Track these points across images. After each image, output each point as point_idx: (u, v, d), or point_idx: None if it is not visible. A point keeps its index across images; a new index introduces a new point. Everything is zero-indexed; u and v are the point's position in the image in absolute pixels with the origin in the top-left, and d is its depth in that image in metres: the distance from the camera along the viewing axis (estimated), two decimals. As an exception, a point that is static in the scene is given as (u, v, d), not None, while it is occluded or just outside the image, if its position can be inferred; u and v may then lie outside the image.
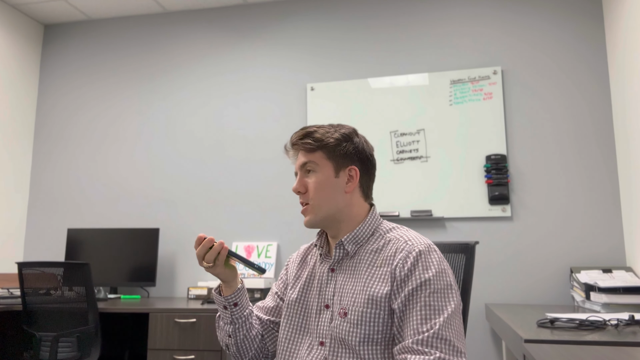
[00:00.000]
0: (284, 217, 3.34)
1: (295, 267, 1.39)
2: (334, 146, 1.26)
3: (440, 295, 1.10)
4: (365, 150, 1.31)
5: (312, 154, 1.27)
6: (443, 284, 1.12)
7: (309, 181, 1.27)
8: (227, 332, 1.34)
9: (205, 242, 1.23)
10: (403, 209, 3.13)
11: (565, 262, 2.91)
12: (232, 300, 1.31)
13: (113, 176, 3.68)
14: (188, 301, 3.03)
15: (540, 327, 1.79)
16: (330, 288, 1.24)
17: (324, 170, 1.26)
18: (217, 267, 1.26)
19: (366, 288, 1.17)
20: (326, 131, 1.28)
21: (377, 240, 1.24)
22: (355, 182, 1.27)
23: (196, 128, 3.61)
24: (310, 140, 1.27)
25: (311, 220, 1.27)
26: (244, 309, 1.33)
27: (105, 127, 3.77)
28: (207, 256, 1.23)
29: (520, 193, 3.02)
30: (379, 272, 1.18)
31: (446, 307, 1.09)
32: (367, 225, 1.27)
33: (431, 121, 3.19)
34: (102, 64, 3.87)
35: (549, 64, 3.12)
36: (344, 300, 1.19)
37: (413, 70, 3.30)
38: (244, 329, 1.33)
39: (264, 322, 1.40)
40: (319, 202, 1.25)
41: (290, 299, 1.32)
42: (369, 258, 1.22)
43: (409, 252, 1.16)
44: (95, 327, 2.54)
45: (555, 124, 3.05)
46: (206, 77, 3.67)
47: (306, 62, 3.50)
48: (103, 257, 3.36)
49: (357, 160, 1.28)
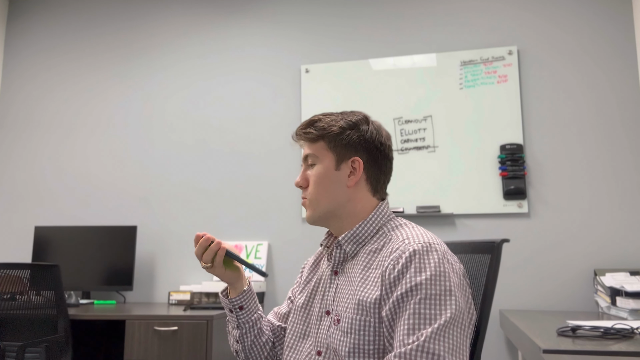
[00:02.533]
0: (275, 213, 3.34)
1: (308, 270, 1.42)
2: (336, 135, 1.26)
3: (434, 302, 1.05)
4: (374, 138, 1.29)
5: (314, 145, 1.28)
6: (439, 289, 1.06)
7: (310, 174, 1.29)
8: (235, 337, 1.39)
9: (202, 242, 1.28)
10: (408, 204, 3.12)
11: (588, 264, 2.91)
12: (237, 303, 1.35)
13: (85, 168, 3.67)
14: (169, 307, 3.03)
15: (560, 335, 1.79)
16: (331, 292, 1.26)
17: (324, 162, 1.27)
18: (216, 269, 1.31)
19: (358, 293, 1.16)
20: (331, 119, 1.29)
21: (379, 239, 1.23)
22: (358, 174, 1.26)
23: (177, 115, 3.60)
24: (312, 130, 1.28)
25: (309, 217, 1.29)
26: (252, 313, 1.37)
27: (76, 114, 3.76)
28: (204, 256, 1.28)
29: (539, 187, 3.01)
30: (372, 275, 1.16)
31: (439, 316, 1.03)
32: (369, 223, 1.25)
33: (439, 107, 3.19)
34: (72, 44, 3.85)
35: (570, 43, 3.10)
36: (339, 306, 1.20)
37: (419, 50, 3.29)
38: (252, 335, 1.37)
39: (275, 328, 1.44)
40: (316, 197, 1.27)
41: (297, 305, 1.35)
42: (366, 259, 1.21)
43: (402, 252, 1.12)
44: (65, 336, 2.54)
45: (577, 110, 3.04)
46: (188, 59, 3.65)
47: (300, 40, 3.48)
48: (74, 258, 3.36)
49: (362, 150, 1.27)
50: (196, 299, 3.03)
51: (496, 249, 1.39)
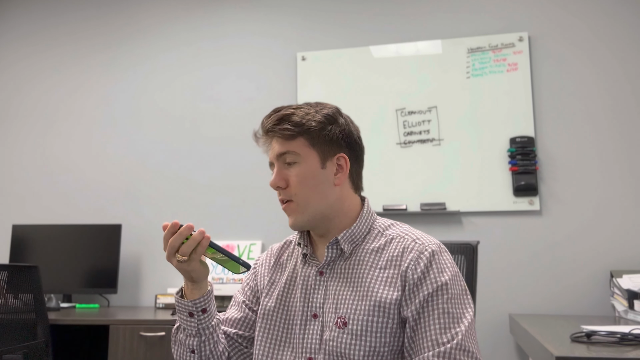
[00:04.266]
0: (269, 211, 3.33)
1: (267, 270, 1.39)
2: (317, 131, 1.25)
3: (459, 301, 1.15)
4: (352, 132, 1.31)
5: (291, 142, 1.25)
6: (459, 288, 1.17)
7: (289, 174, 1.25)
8: (189, 346, 1.29)
9: (183, 230, 1.18)
10: (411, 201, 3.12)
11: (604, 265, 2.90)
12: (200, 305, 1.27)
13: (66, 163, 3.66)
14: (156, 311, 3.04)
15: (574, 341, 1.80)
16: (319, 295, 1.25)
17: (307, 161, 1.25)
18: (192, 263, 1.21)
19: (370, 293, 1.18)
20: (305, 112, 1.26)
21: (376, 238, 1.26)
22: (345, 172, 1.27)
23: (166, 107, 3.59)
24: (289, 126, 1.24)
25: (298, 221, 1.26)
26: (212, 317, 1.30)
27: (58, 105, 3.75)
28: (182, 248, 1.18)
29: (551, 182, 3.01)
30: (384, 275, 1.19)
31: (465, 315, 1.14)
32: (363, 222, 1.28)
33: (445, 97, 3.18)
34: (54, 29, 3.84)
35: (584, 28, 3.10)
36: (342, 309, 1.19)
37: (423, 36, 3.28)
38: (211, 343, 1.30)
39: (231, 336, 1.37)
40: (305, 198, 1.24)
41: (267, 309, 1.31)
42: (370, 259, 1.23)
43: (421, 252, 1.18)
44: (45, 342, 2.53)
45: (592, 101, 3.03)
46: (178, 46, 3.64)
47: (295, 26, 3.48)
48: (54, 259, 3.35)
49: (345, 146, 1.28)
50: (185, 302, 3.02)
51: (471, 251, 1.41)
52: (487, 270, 2.97)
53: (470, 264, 1.40)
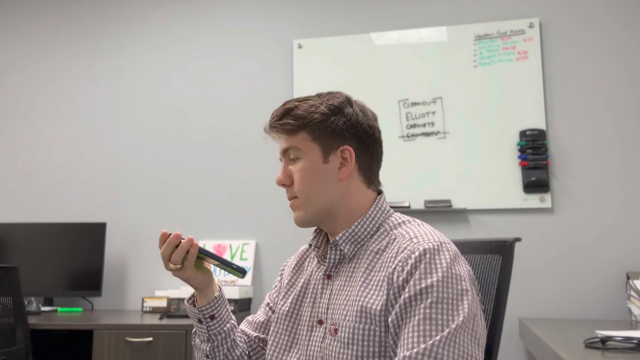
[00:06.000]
0: (264, 209, 3.33)
1: (289, 273, 1.41)
2: (319, 123, 1.26)
3: (446, 307, 1.07)
4: (361, 122, 1.30)
5: (293, 137, 1.28)
6: (451, 292, 1.08)
7: (294, 170, 1.28)
8: (204, 351, 1.36)
9: (171, 240, 1.25)
10: (415, 198, 3.12)
11: (620, 266, 2.90)
12: (207, 312, 1.33)
13: (46, 157, 3.66)
14: (143, 315, 3.04)
15: (588, 347, 1.79)
16: (324, 299, 1.26)
17: (309, 156, 1.27)
18: (187, 271, 1.28)
19: (360, 298, 1.17)
20: (310, 105, 1.28)
21: (381, 238, 1.24)
22: (350, 165, 1.27)
23: (151, 98, 3.59)
24: (290, 120, 1.26)
25: (301, 218, 1.28)
26: (224, 322, 1.35)
27: (35, 95, 3.74)
28: (173, 257, 1.26)
29: (563, 178, 3.01)
30: (376, 278, 1.17)
31: (451, 321, 1.06)
32: (368, 220, 1.27)
33: (450, 87, 3.19)
34: (30, 15, 3.83)
35: (600, 14, 3.09)
36: (336, 314, 1.20)
37: (427, 22, 3.28)
38: (224, 348, 1.35)
39: (252, 339, 1.43)
40: (307, 195, 1.26)
41: (281, 312, 1.34)
42: (368, 260, 1.22)
43: (411, 252, 1.14)
44: (25, 348, 2.53)
45: (608, 91, 3.03)
46: (164, 31, 3.64)
47: (291, 11, 3.48)
48: (35, 260, 3.34)
49: (350, 137, 1.28)
50: (173, 305, 3.06)
51: (508, 249, 1.39)
52: (495, 271, 2.96)
53: (506, 264, 1.37)
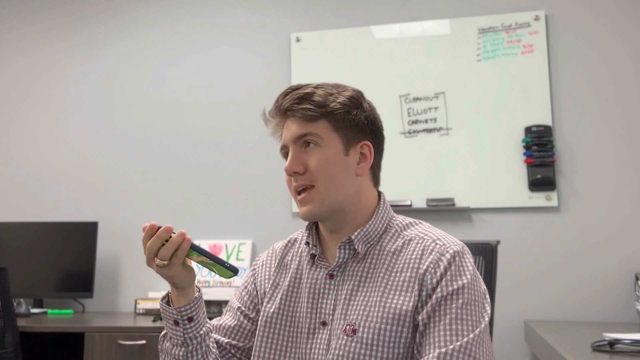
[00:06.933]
0: (260, 207, 3.34)
1: (269, 273, 1.38)
2: (342, 114, 1.26)
3: (475, 308, 1.14)
4: (377, 118, 1.33)
5: (312, 124, 1.25)
6: (477, 294, 1.16)
7: (309, 158, 1.25)
8: (175, 356, 1.29)
9: (161, 233, 1.18)
10: (416, 196, 3.12)
11: (628, 267, 2.90)
12: (186, 313, 1.26)
13: (36, 155, 3.66)
14: (135, 317, 3.05)
15: (595, 350, 1.80)
16: (329, 300, 1.25)
17: (330, 145, 1.25)
18: (174, 267, 1.21)
19: (385, 299, 1.18)
20: (328, 93, 1.27)
21: (394, 238, 1.26)
22: (369, 161, 1.29)
23: (144, 93, 3.59)
24: (311, 105, 1.24)
25: (313, 211, 1.24)
26: (201, 326, 1.29)
27: (24, 91, 3.74)
28: (161, 251, 1.18)
29: (570, 176, 3.01)
30: (400, 279, 1.19)
31: (480, 322, 1.13)
32: (379, 219, 1.28)
33: (453, 82, 3.19)
34: (18, 8, 3.83)
35: (608, 6, 3.10)
36: (353, 314, 1.20)
37: (430, 15, 3.28)
38: (199, 354, 1.29)
39: (223, 346, 1.37)
40: (327, 185, 1.23)
41: (268, 315, 1.31)
42: (387, 261, 1.23)
43: (442, 254, 1.19)
44: (14, 351, 2.53)
45: (616, 86, 3.03)
46: (157, 24, 3.64)
47: (290, 3, 3.48)
48: (24, 260, 3.34)
49: (369, 133, 1.30)
50: (167, 307, 3.02)
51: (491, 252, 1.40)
52: (500, 272, 2.92)
53: (489, 266, 1.40)
